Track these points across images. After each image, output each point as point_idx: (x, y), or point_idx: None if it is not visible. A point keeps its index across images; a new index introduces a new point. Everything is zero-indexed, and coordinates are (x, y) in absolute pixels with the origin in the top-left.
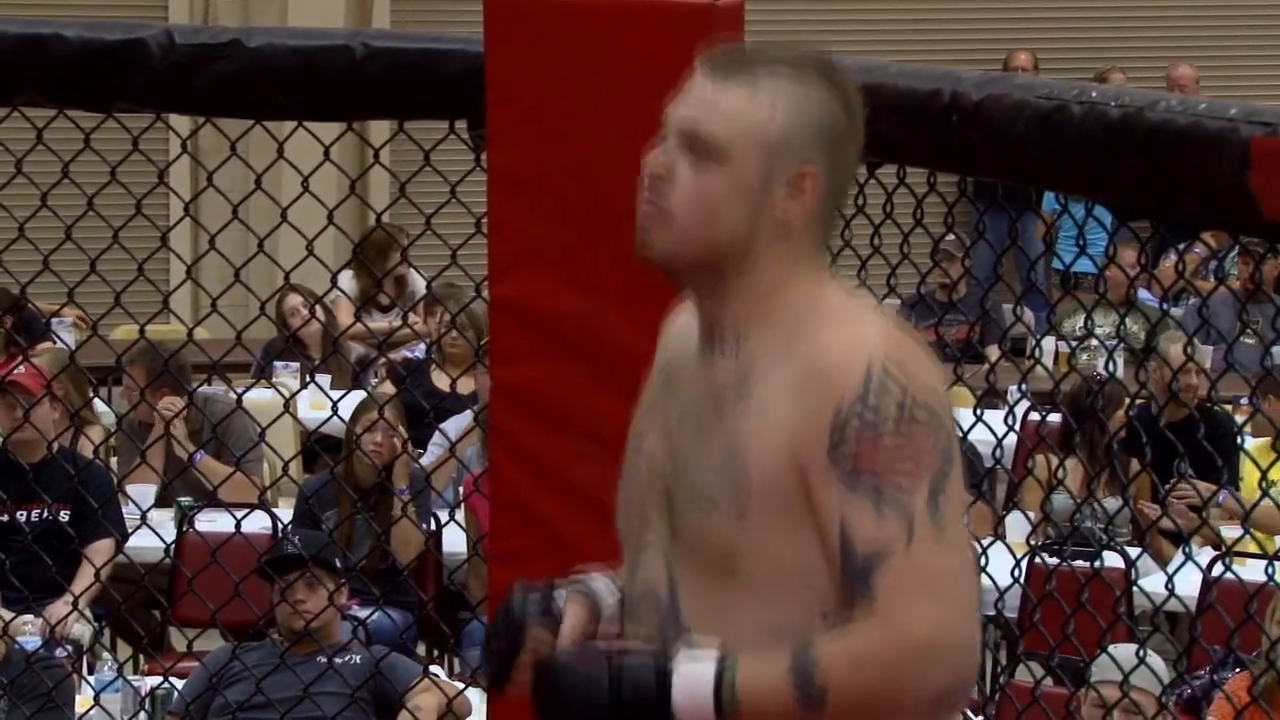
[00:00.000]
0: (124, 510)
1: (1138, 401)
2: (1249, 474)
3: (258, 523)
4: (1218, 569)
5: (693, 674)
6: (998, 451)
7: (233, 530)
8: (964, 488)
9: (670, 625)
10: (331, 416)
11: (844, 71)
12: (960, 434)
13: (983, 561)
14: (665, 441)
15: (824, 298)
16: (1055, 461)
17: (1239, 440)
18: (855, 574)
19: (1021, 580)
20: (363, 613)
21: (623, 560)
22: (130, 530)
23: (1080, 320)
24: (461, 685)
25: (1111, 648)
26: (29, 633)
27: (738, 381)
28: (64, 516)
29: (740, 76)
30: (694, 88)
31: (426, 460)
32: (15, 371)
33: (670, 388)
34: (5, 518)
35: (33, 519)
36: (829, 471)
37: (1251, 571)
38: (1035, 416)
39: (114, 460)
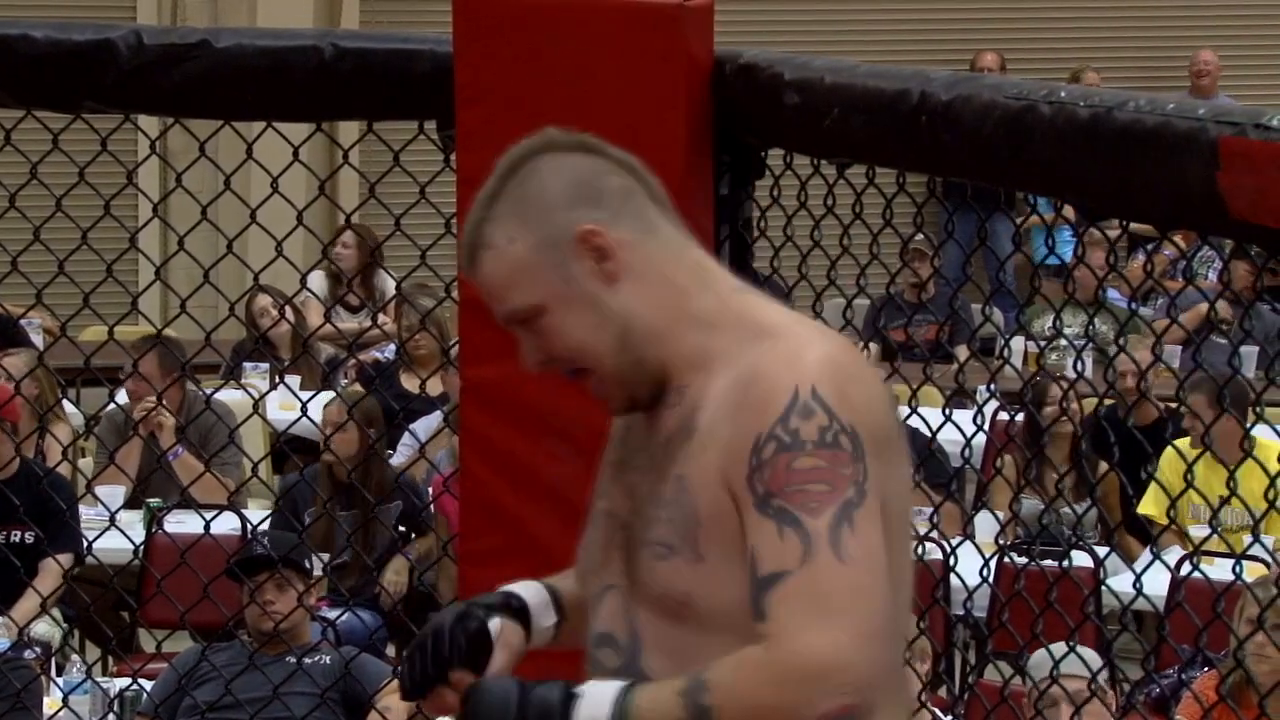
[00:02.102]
0: (93, 510)
1: (1106, 403)
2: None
3: (228, 524)
4: (1185, 568)
5: (594, 699)
6: (966, 451)
7: (202, 531)
8: (880, 529)
9: (630, 669)
10: (301, 418)
11: (544, 131)
12: (918, 448)
13: (952, 561)
14: (626, 494)
15: (755, 315)
16: (1023, 462)
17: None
18: (754, 597)
19: (990, 580)
20: (332, 613)
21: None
22: (99, 532)
23: (1050, 320)
24: None
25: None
26: None
27: (684, 423)
28: (29, 539)
29: (478, 251)
30: (478, 268)
31: (396, 461)
32: None
33: (628, 444)
34: None
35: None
36: (747, 498)
37: (1219, 570)
38: (1004, 416)
39: (82, 461)
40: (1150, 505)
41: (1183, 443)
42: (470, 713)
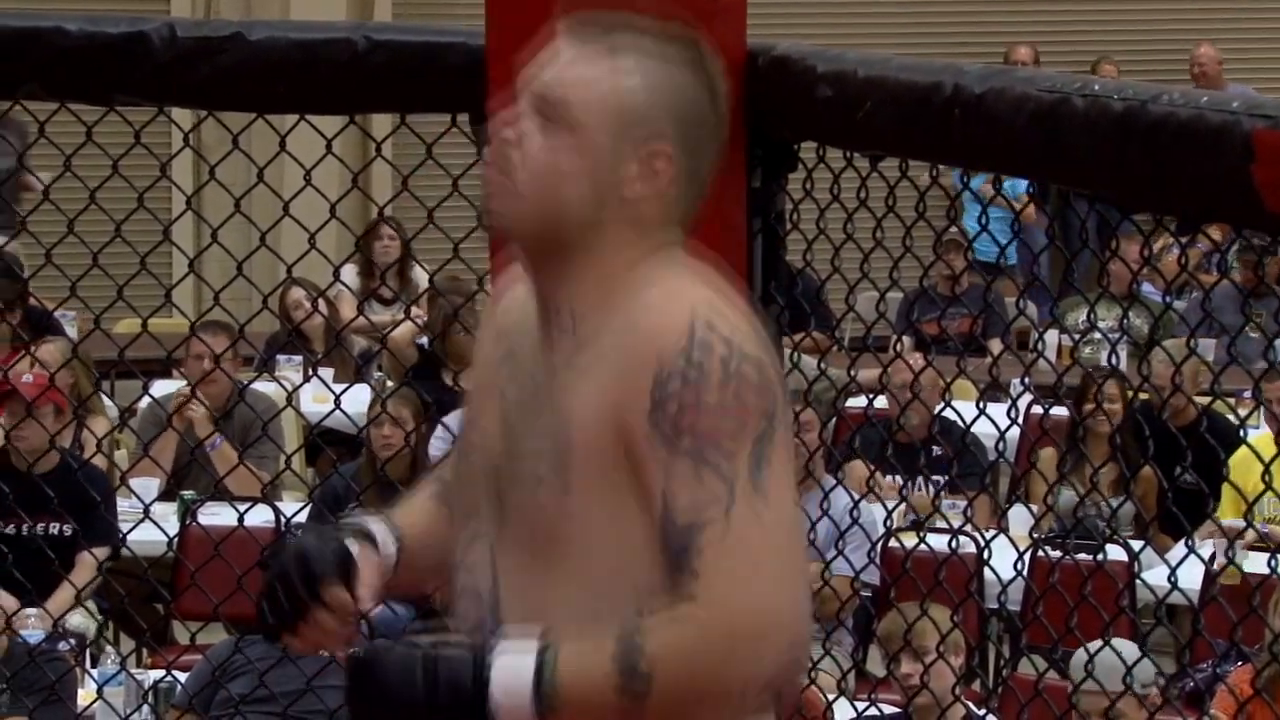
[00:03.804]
0: (128, 503)
1: (1140, 398)
2: (1252, 468)
3: (262, 516)
4: (1220, 562)
5: (511, 667)
6: (1001, 445)
7: (236, 524)
8: (791, 451)
9: (490, 619)
10: (334, 410)
11: (711, 53)
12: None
13: (986, 555)
14: (500, 423)
15: (658, 271)
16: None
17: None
18: (674, 545)
19: (1025, 574)
20: None
21: None
22: (134, 524)
23: (1084, 314)
24: None
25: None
26: (32, 626)
27: (568, 356)
28: (66, 531)
29: (600, 44)
30: (552, 52)
31: (433, 453)
32: (23, 381)
33: (509, 366)
34: (11, 529)
35: (36, 532)
36: (650, 436)
37: (1254, 564)
38: (1038, 410)
39: (118, 453)
40: (1229, 510)
41: (1260, 441)
42: (365, 687)
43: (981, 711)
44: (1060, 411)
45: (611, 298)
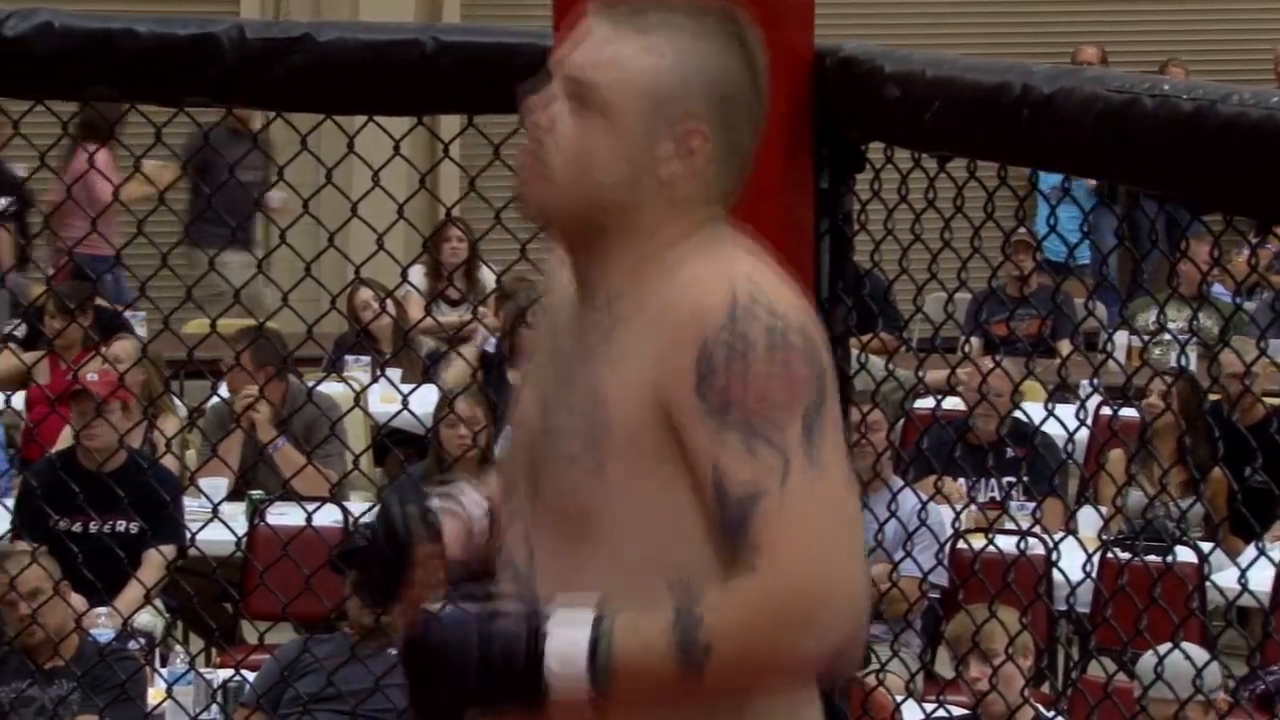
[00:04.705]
0: (196, 503)
1: (1210, 399)
2: None
3: (330, 516)
4: None
5: (566, 636)
6: (1069, 446)
7: (304, 524)
8: (840, 419)
9: (525, 593)
10: (402, 410)
11: (750, 28)
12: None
13: (1055, 556)
14: (539, 401)
15: (695, 248)
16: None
17: None
18: (731, 518)
19: (1094, 575)
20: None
21: None
22: (203, 524)
23: (1153, 314)
24: None
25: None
26: (102, 625)
27: (606, 334)
28: (133, 529)
29: (633, 23)
30: (583, 33)
31: (498, 453)
32: (89, 379)
33: (549, 345)
34: (79, 528)
35: (103, 530)
36: (697, 409)
37: None
38: (1107, 411)
39: (188, 453)
40: None
41: None
42: (420, 652)
43: (1050, 714)
44: (1129, 413)
45: (648, 277)
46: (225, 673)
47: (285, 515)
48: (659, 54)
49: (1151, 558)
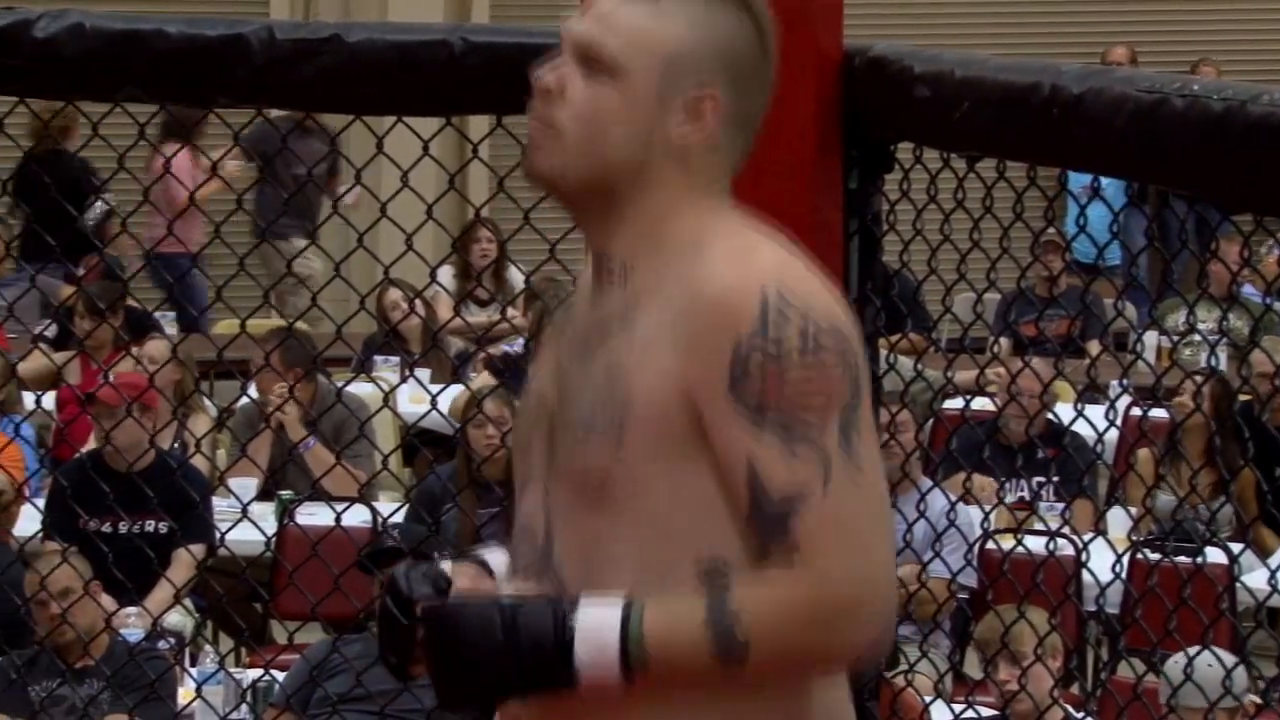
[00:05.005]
0: (226, 502)
1: (1241, 399)
2: None
3: (359, 516)
4: None
5: (594, 622)
6: (1099, 447)
7: (333, 524)
8: (873, 417)
9: (543, 562)
10: (430, 411)
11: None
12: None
13: (1085, 557)
14: (554, 375)
15: (714, 226)
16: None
17: None
18: (770, 519)
19: (1123, 576)
20: None
21: None
22: (232, 524)
23: (1183, 315)
24: None
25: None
26: (131, 625)
27: (624, 311)
28: (163, 529)
29: None
30: (595, 1)
31: None
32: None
33: (567, 322)
34: (108, 528)
35: (133, 530)
36: (731, 409)
37: None
38: (1137, 412)
39: (219, 453)
40: None
41: None
42: (442, 643)
43: (1080, 715)
44: (1159, 413)
45: (664, 249)
46: (255, 673)
47: (314, 515)
48: (670, 19)
49: (1181, 558)
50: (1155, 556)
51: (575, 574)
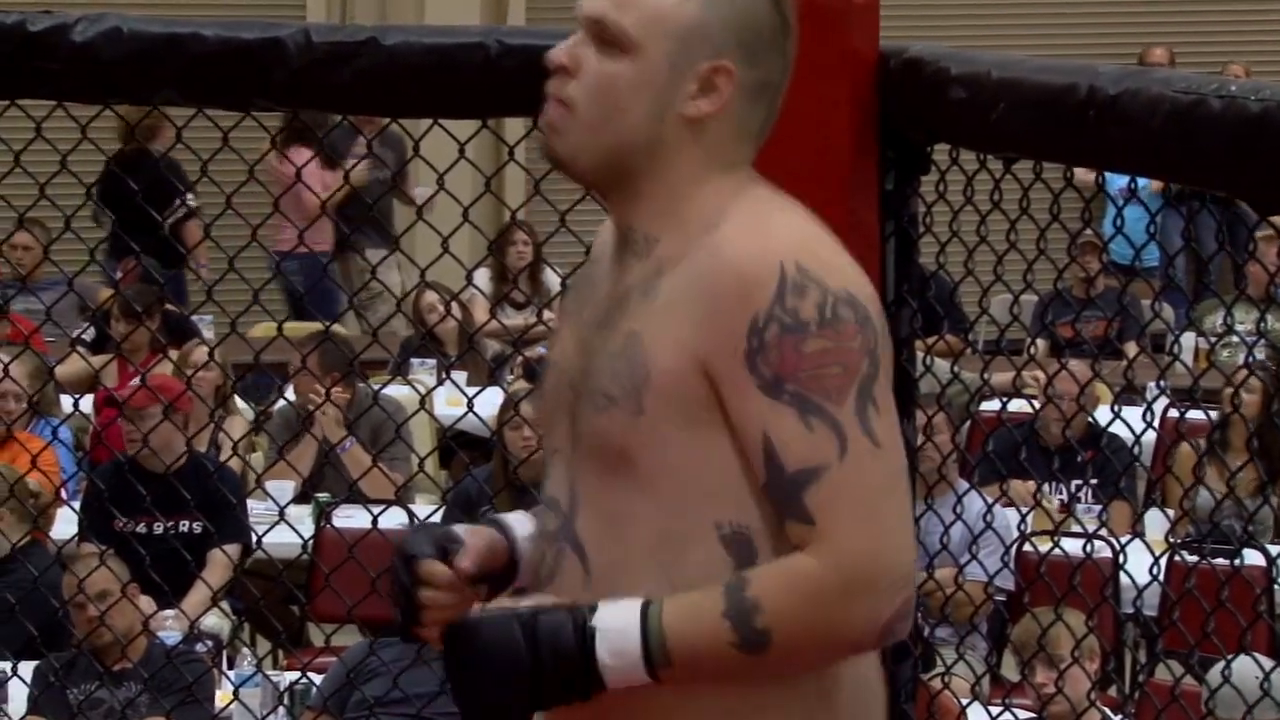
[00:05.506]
0: (263, 505)
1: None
2: None
3: (396, 519)
4: None
5: (614, 625)
6: (1136, 448)
7: (370, 526)
8: (891, 391)
9: (567, 530)
10: (467, 413)
11: None
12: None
13: (1122, 559)
14: (576, 344)
15: (734, 198)
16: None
17: None
18: (785, 492)
19: (1161, 578)
20: None
21: None
22: (269, 526)
23: (1221, 316)
24: None
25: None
26: (169, 628)
27: (645, 282)
28: (197, 530)
29: None
30: None
31: None
32: (130, 386)
33: (588, 291)
34: (143, 529)
35: (170, 530)
36: (747, 380)
37: None
38: (1174, 413)
39: (253, 456)
40: None
41: None
42: (465, 658)
43: (1117, 717)
44: (1197, 415)
45: (685, 221)
46: (292, 675)
47: (351, 518)
48: None
49: (1219, 561)
50: (1193, 559)
51: (598, 542)
